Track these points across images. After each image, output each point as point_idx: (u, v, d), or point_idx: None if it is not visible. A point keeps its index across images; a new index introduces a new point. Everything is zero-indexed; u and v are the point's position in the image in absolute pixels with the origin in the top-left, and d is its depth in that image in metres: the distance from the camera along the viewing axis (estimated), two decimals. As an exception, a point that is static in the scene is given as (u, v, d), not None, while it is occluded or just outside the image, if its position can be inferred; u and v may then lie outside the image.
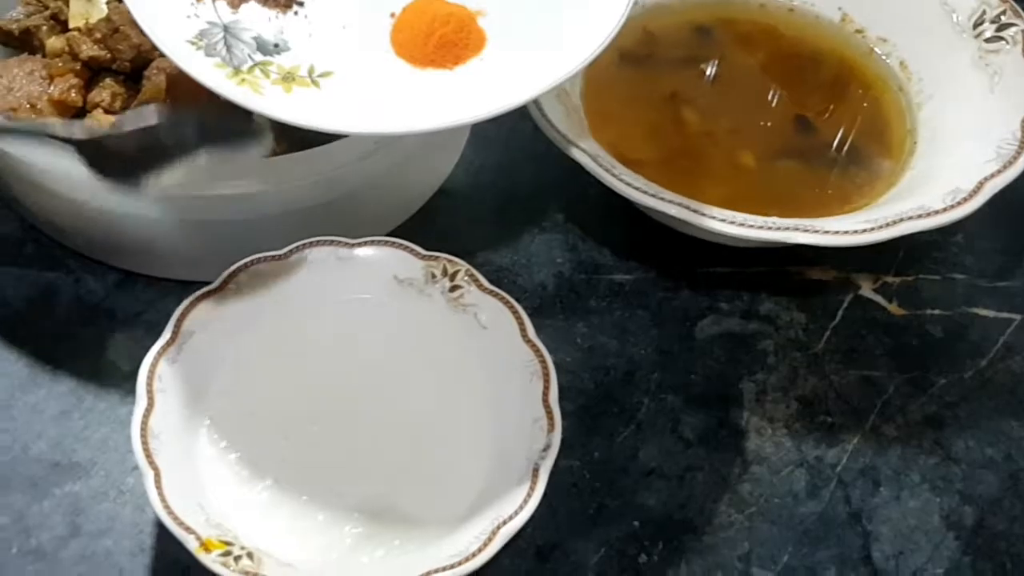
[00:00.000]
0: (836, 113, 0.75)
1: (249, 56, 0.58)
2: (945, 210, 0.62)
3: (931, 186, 0.66)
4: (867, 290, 0.71)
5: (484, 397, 0.59)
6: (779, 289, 0.71)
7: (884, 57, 0.77)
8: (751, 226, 0.61)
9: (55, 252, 0.69)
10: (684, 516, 0.60)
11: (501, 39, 0.61)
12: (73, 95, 0.73)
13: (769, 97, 0.76)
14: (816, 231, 0.60)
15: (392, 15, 0.62)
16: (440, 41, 0.60)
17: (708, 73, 0.77)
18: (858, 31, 0.78)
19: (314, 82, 0.59)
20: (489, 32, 0.62)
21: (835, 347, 0.68)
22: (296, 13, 0.61)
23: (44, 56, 0.75)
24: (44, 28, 0.75)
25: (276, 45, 0.59)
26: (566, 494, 0.60)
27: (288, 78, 0.58)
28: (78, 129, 0.55)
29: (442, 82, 0.60)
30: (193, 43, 0.57)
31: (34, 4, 0.77)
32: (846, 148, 0.73)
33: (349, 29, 0.62)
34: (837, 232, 0.61)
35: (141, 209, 0.64)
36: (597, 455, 0.62)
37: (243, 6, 0.60)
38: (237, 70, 0.57)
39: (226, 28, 0.58)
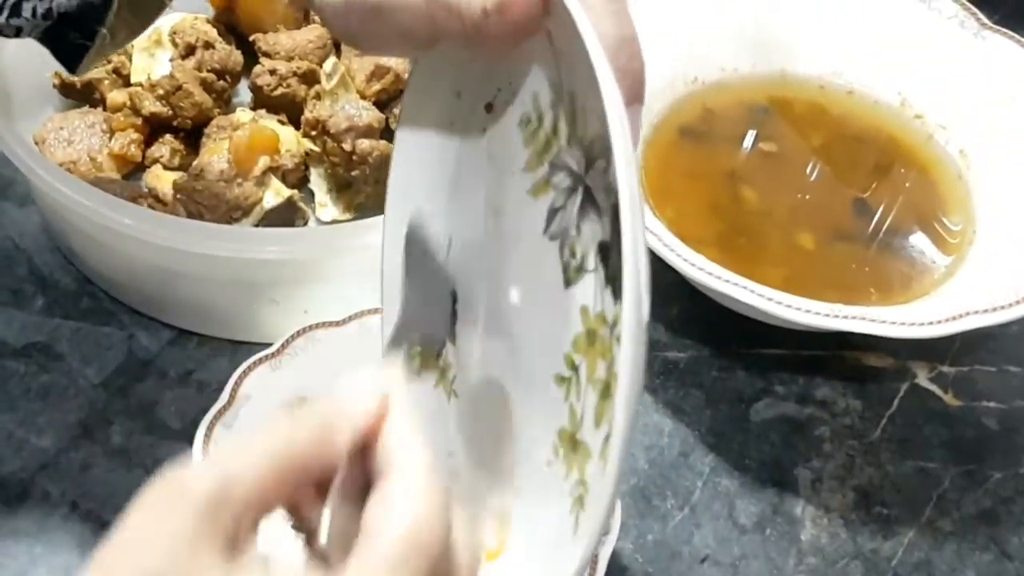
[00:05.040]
0: (894, 197, 0.75)
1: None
2: (1011, 305, 0.61)
3: (993, 278, 0.65)
4: (923, 379, 0.70)
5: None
6: (834, 374, 0.70)
7: (943, 144, 0.76)
8: (817, 313, 0.60)
9: (109, 307, 0.69)
10: (738, 606, 0.59)
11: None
12: (132, 150, 0.73)
13: (827, 178, 0.76)
14: (882, 322, 0.60)
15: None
16: None
17: (766, 152, 0.77)
18: (917, 116, 0.78)
19: (453, 393, 0.50)
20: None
21: (891, 436, 0.67)
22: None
23: (105, 109, 0.75)
24: (106, 81, 0.76)
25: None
26: (619, 578, 0.60)
27: (425, 354, 0.50)
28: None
29: None
30: None
31: (96, 56, 0.77)
32: (904, 233, 0.73)
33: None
34: (903, 324, 0.60)
35: (193, 268, 0.64)
36: (651, 538, 0.61)
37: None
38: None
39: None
